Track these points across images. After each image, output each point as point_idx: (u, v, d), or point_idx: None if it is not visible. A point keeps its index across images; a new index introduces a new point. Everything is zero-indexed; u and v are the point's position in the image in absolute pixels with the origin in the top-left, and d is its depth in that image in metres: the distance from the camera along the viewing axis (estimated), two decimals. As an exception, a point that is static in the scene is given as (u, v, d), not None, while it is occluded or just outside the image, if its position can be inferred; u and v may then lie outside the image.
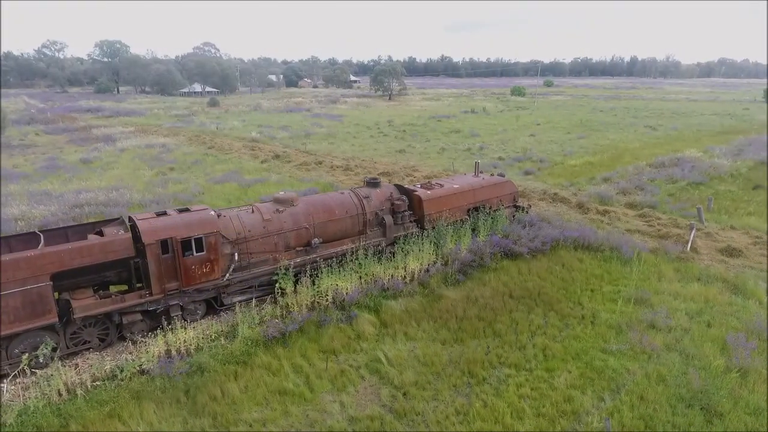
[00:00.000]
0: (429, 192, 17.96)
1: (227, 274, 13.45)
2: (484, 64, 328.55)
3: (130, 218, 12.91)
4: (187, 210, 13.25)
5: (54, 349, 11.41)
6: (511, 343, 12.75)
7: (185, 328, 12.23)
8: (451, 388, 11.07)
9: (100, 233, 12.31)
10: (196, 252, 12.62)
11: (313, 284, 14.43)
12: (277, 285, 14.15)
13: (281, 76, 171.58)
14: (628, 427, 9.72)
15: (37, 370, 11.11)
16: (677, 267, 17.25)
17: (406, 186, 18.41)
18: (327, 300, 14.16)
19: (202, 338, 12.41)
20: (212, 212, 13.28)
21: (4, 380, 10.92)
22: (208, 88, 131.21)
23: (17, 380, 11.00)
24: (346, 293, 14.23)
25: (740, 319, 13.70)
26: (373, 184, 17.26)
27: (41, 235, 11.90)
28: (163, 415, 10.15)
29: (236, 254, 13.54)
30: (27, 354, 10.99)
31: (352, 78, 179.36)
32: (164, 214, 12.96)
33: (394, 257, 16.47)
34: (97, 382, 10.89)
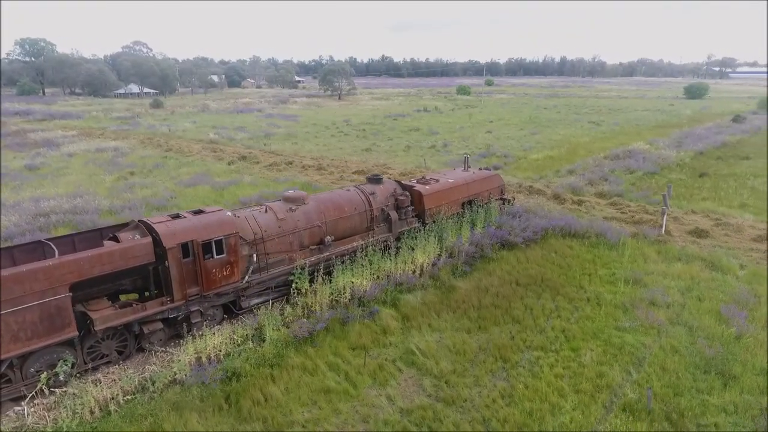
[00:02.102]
0: (428, 187, 18.27)
1: (246, 276, 13.06)
2: (424, 64, 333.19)
3: (141, 222, 12.23)
4: (201, 211, 12.74)
5: (73, 365, 10.63)
6: (531, 328, 13.32)
7: (213, 334, 11.77)
8: (489, 374, 11.43)
9: (114, 239, 11.58)
10: (217, 254, 12.18)
11: (330, 282, 14.31)
12: (293, 285, 13.91)
13: (223, 77, 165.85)
14: (660, 395, 10.49)
15: (56, 389, 10.32)
16: (658, 249, 18.63)
17: (404, 182, 18.61)
18: (345, 297, 14.10)
19: (229, 343, 12.01)
20: (229, 213, 12.86)
21: (22, 402, 10.04)
22: (146, 89, 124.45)
23: (35, 401, 10.16)
24: (364, 290, 14.23)
25: (725, 292, 15.07)
26: (375, 180, 17.31)
27: (51, 244, 11.03)
28: (209, 424, 9.77)
29: (254, 255, 13.18)
30: (45, 373, 10.17)
31: (297, 78, 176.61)
32: (178, 216, 12.40)
33: (398, 252, 16.62)
34: (128, 396, 10.28)
